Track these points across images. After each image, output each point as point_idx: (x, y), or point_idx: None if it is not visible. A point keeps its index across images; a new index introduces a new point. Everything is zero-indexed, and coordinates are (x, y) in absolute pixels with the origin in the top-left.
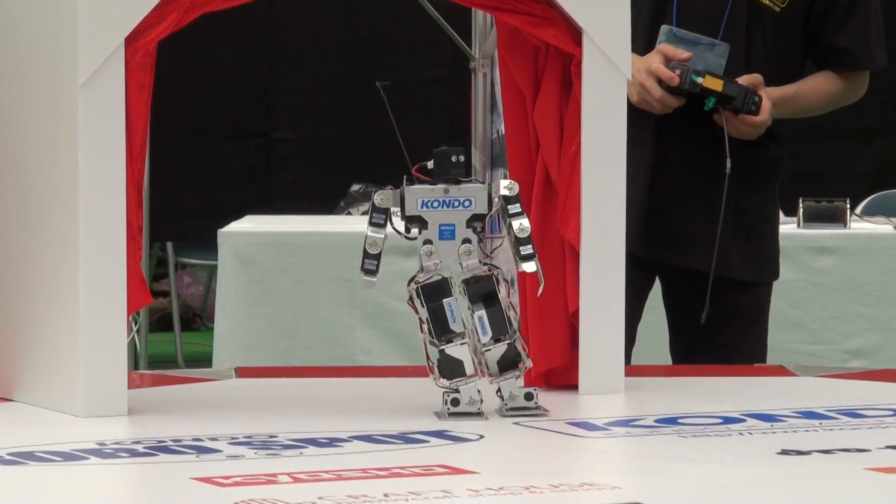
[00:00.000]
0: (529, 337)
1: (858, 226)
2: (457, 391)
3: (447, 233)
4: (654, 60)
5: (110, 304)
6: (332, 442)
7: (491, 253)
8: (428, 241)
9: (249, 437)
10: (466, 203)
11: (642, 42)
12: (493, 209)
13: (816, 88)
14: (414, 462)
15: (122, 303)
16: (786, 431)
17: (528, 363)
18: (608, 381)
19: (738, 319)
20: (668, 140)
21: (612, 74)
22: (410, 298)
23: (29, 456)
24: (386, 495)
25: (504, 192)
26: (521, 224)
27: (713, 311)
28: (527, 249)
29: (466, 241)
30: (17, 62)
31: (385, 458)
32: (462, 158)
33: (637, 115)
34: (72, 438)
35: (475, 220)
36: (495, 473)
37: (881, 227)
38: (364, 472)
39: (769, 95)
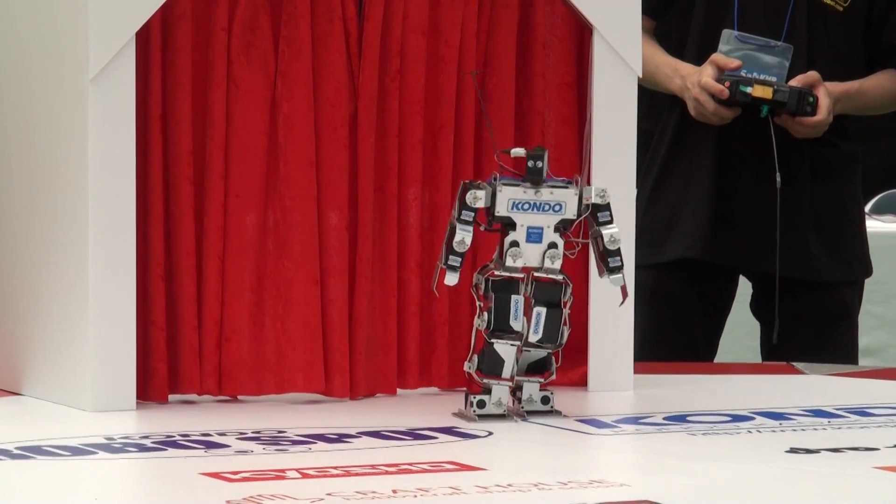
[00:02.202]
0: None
1: (867, 224)
2: (487, 392)
3: (535, 235)
4: (706, 73)
5: (119, 298)
6: (340, 438)
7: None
8: (515, 244)
9: (258, 432)
10: (557, 207)
11: (696, 45)
12: (584, 214)
13: (881, 84)
14: (423, 458)
15: (131, 297)
16: (794, 429)
17: (554, 374)
18: (617, 378)
19: (822, 319)
20: (733, 143)
21: (623, 72)
22: (476, 286)
23: (37, 450)
24: (395, 491)
25: (595, 199)
26: (612, 235)
27: (798, 311)
28: (615, 262)
29: (553, 245)
30: (27, 56)
31: (394, 454)
32: (539, 164)
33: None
34: (80, 433)
35: (563, 225)
36: (504, 470)
37: (890, 225)
38: (373, 467)
39: (830, 91)
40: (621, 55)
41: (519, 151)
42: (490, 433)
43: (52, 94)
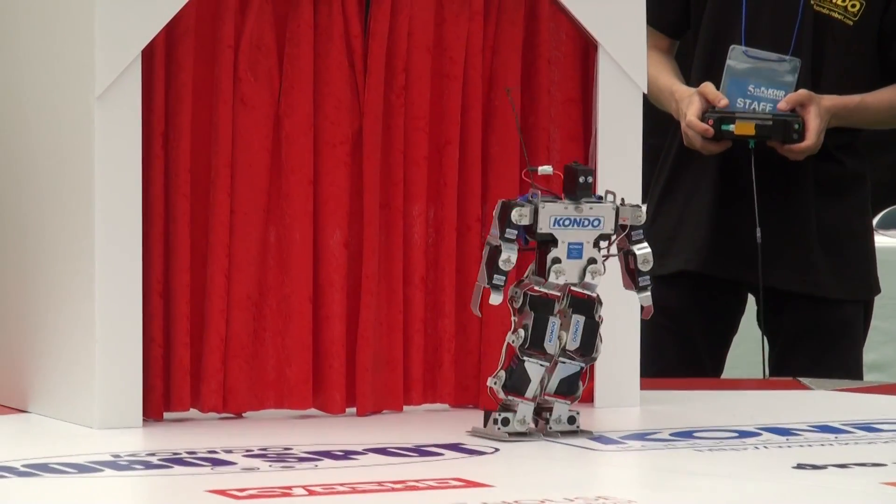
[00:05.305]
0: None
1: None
2: (510, 410)
3: (575, 251)
4: (693, 107)
5: (125, 315)
6: (347, 455)
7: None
8: (557, 260)
9: (264, 449)
10: (596, 222)
11: (703, 61)
12: (620, 234)
13: (885, 99)
14: (429, 475)
15: (137, 315)
16: (801, 445)
17: (579, 396)
18: (624, 394)
19: (823, 336)
20: (736, 159)
21: (628, 88)
22: (512, 299)
23: (44, 468)
24: None
25: (633, 221)
26: (645, 256)
27: (799, 326)
28: (645, 280)
29: (592, 260)
30: (33, 74)
31: (400, 471)
32: (590, 180)
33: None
34: (87, 450)
35: (601, 241)
36: (510, 487)
37: None
38: (379, 484)
39: (824, 106)
40: (626, 71)
41: (547, 169)
42: (496, 449)
43: (58, 111)
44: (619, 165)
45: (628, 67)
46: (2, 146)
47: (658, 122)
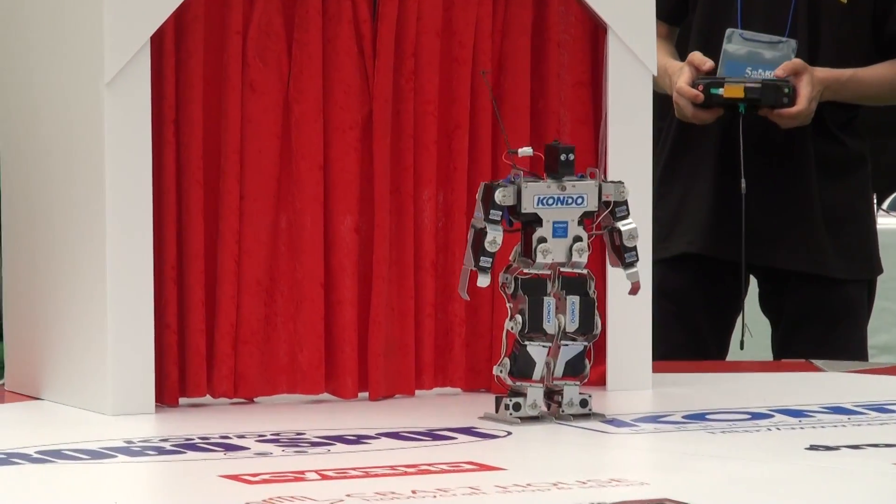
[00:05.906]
0: None
1: (885, 221)
2: (521, 394)
3: (560, 230)
4: (683, 76)
5: (138, 302)
6: (359, 439)
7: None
8: (543, 240)
9: (277, 434)
10: (580, 200)
11: (699, 44)
12: (603, 211)
13: (879, 73)
14: (442, 459)
15: (149, 301)
16: (814, 427)
17: (587, 376)
18: (636, 377)
19: (826, 316)
20: (735, 139)
21: (638, 71)
22: (503, 285)
23: (57, 454)
24: (414, 492)
25: (616, 197)
26: (631, 232)
27: (802, 307)
28: (631, 257)
29: (578, 238)
30: (43, 62)
31: (413, 454)
32: (572, 157)
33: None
34: (100, 437)
35: (585, 218)
36: (523, 470)
37: None
38: (392, 468)
39: (817, 77)
40: (636, 54)
41: (527, 151)
42: (509, 433)
43: (68, 98)
44: (630, 148)
45: (638, 50)
46: (12, 133)
47: (657, 104)
